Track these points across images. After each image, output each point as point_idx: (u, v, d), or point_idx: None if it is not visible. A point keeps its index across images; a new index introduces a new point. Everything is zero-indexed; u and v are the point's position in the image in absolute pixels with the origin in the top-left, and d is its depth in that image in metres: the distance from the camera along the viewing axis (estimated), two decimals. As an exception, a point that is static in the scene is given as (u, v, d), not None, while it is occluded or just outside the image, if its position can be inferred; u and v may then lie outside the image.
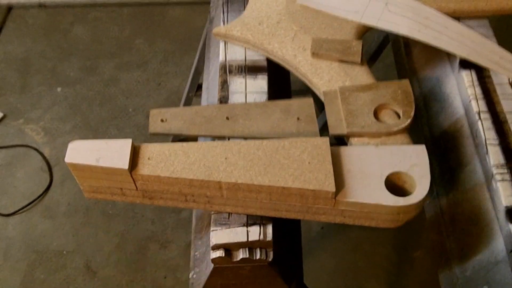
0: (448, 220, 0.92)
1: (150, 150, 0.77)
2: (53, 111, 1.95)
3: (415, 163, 0.76)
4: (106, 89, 2.01)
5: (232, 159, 0.75)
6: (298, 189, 0.73)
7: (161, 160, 0.76)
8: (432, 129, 1.03)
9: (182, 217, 1.71)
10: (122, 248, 1.63)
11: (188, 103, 1.64)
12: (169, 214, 1.71)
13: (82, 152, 0.77)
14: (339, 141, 0.90)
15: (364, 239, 1.56)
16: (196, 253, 0.91)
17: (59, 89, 2.02)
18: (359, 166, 0.76)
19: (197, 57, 1.50)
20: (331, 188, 0.72)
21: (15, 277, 1.58)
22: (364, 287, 1.47)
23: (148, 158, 0.77)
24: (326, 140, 0.77)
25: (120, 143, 0.77)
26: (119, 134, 1.87)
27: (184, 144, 0.78)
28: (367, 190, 0.74)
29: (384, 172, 0.75)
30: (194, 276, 0.90)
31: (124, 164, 0.75)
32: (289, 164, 0.75)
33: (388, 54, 1.44)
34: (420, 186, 0.74)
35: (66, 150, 0.78)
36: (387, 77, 1.37)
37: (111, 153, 0.76)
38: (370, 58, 1.41)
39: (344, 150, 0.78)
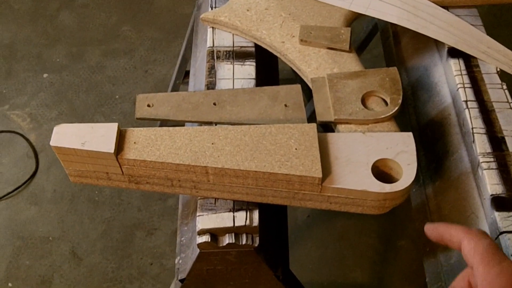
0: (433, 208, 0.93)
1: (136, 134, 0.77)
2: (39, 97, 1.93)
3: (402, 150, 0.76)
4: (93, 76, 1.99)
5: (219, 145, 0.75)
6: (285, 175, 0.73)
7: (147, 144, 0.76)
8: (419, 118, 1.04)
9: (168, 205, 1.71)
10: (108, 235, 1.62)
11: (175, 90, 1.63)
12: (155, 201, 1.70)
13: (67, 135, 0.76)
14: (326, 128, 0.91)
15: (350, 228, 1.57)
16: (182, 239, 0.91)
17: (45, 75, 2.00)
18: (346, 152, 0.76)
19: (184, 44, 1.49)
20: (318, 174, 0.72)
21: (0, 263, 1.57)
22: (349, 276, 1.48)
23: (134, 143, 0.76)
24: (313, 126, 0.77)
25: (106, 127, 0.76)
26: (105, 121, 1.86)
27: (171, 129, 0.77)
28: (353, 177, 0.74)
29: (370, 159, 0.75)
30: (180, 261, 0.90)
31: (110, 148, 0.74)
32: (276, 150, 0.74)
33: (377, 44, 1.44)
34: (407, 173, 0.74)
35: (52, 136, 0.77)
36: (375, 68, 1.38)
37: (97, 137, 0.75)
38: (358, 48, 1.41)
39: (331, 137, 0.78)
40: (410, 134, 0.78)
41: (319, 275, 1.48)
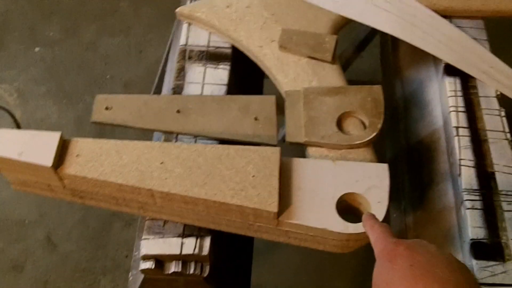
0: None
1: (80, 146, 0.69)
2: (28, 72, 1.86)
3: (373, 184, 0.68)
4: (85, 53, 1.91)
5: (169, 165, 0.67)
6: (238, 206, 0.65)
7: (90, 158, 0.68)
8: (409, 137, 0.95)
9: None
10: (85, 223, 1.56)
11: (162, 77, 1.54)
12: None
13: (5, 143, 0.69)
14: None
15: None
16: (135, 253, 0.84)
17: (36, 49, 1.92)
18: (311, 183, 0.68)
19: (173, 29, 1.39)
20: (273, 208, 0.64)
21: (-28, 245, 1.53)
22: (328, 286, 1.41)
23: (77, 156, 0.68)
24: (276, 151, 0.69)
25: (48, 136, 0.68)
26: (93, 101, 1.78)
27: (119, 142, 0.70)
28: (315, 212, 0.66)
29: (337, 192, 0.67)
30: (131, 278, 0.83)
31: (48, 161, 0.67)
32: (231, 176, 0.66)
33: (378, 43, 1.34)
34: (376, 212, 0.66)
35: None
36: (374, 70, 1.28)
37: (36, 147, 0.68)
38: (357, 48, 1.31)
39: (297, 164, 0.70)
40: (385, 166, 0.70)
41: (297, 283, 1.41)
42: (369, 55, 1.56)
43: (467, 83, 0.86)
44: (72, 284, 1.46)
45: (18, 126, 1.75)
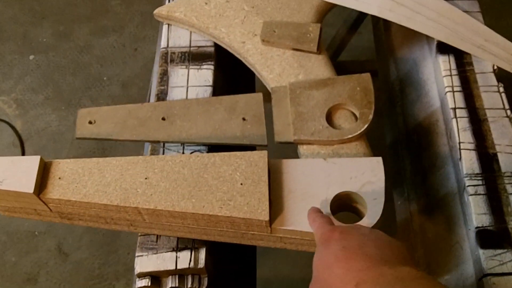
0: (417, 228, 0.81)
1: (61, 168, 0.67)
2: (25, 81, 1.84)
3: (368, 180, 0.65)
4: (80, 56, 1.89)
5: (153, 180, 0.65)
6: (227, 217, 0.62)
7: (73, 180, 0.66)
8: (407, 120, 0.91)
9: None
10: (95, 229, 1.55)
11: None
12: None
13: (-14, 171, 0.67)
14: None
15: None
16: (136, 267, 0.82)
17: (31, 57, 1.90)
18: (303, 184, 0.65)
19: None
20: (264, 216, 0.61)
21: (-14, 261, 1.53)
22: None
23: (59, 178, 0.66)
24: (263, 155, 0.66)
25: (28, 161, 0.66)
26: (92, 105, 1.76)
27: (101, 160, 0.67)
28: (309, 216, 0.63)
29: (330, 192, 0.64)
30: (134, 293, 0.82)
31: (30, 187, 0.64)
32: (218, 186, 0.64)
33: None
34: (372, 210, 0.63)
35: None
36: (373, 47, 1.23)
37: (17, 173, 0.65)
38: (351, 27, 1.27)
39: (287, 165, 0.67)
40: (380, 159, 0.66)
41: (295, 274, 1.38)
42: (368, 32, 1.51)
43: (462, 60, 0.82)
44: (86, 293, 1.46)
45: (19, 138, 1.74)
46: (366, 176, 0.65)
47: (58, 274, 1.50)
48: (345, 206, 0.66)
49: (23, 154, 1.71)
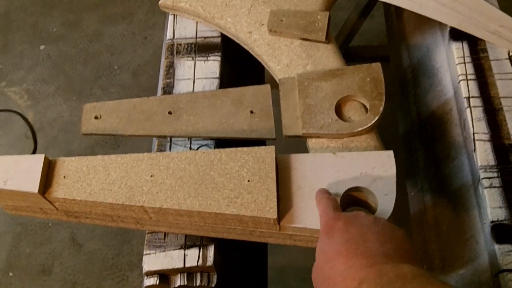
0: (431, 221, 0.80)
1: (66, 166, 0.66)
2: (36, 71, 1.84)
3: (379, 175, 0.63)
4: (90, 45, 1.87)
5: (159, 177, 0.64)
6: (234, 215, 0.61)
7: (78, 179, 0.65)
8: (419, 109, 0.89)
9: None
10: (108, 220, 1.55)
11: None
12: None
13: (-11, 171, 0.66)
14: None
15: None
16: (144, 266, 0.82)
17: (42, 47, 1.90)
18: (311, 180, 0.64)
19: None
20: (272, 214, 0.60)
21: (1, 252, 1.54)
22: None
23: (64, 177, 0.65)
24: (271, 150, 0.64)
25: (31, 160, 0.65)
26: (103, 94, 1.76)
27: (106, 158, 0.66)
28: (317, 213, 0.61)
29: (340, 188, 0.63)
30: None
31: (34, 187, 0.64)
32: (224, 183, 0.62)
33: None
34: (383, 205, 0.61)
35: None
36: (381, 34, 1.20)
37: (20, 173, 0.65)
38: (363, 11, 1.24)
39: (295, 160, 0.65)
40: (391, 153, 0.64)
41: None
42: (380, 15, 1.48)
43: (476, 46, 0.79)
44: (101, 283, 1.46)
45: (31, 129, 1.74)
46: (377, 171, 0.63)
47: (72, 265, 1.50)
48: (355, 202, 0.65)
49: (35, 145, 1.71)
